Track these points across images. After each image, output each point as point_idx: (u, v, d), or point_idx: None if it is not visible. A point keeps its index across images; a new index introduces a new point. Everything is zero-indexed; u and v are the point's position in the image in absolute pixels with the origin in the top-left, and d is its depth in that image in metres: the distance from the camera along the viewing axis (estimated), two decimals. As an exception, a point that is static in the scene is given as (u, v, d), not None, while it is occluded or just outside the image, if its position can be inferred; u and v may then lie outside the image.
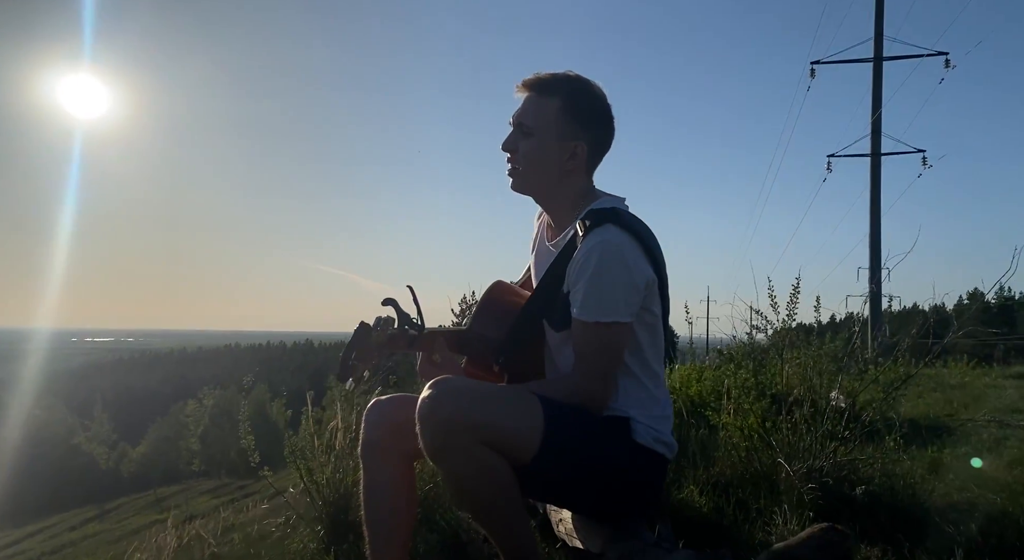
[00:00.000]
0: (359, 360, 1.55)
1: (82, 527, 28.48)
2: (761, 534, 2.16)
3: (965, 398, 5.59)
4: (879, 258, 19.43)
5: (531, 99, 1.70)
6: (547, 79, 1.69)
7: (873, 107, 19.20)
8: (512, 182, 1.74)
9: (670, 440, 1.67)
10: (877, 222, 19.30)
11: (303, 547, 2.43)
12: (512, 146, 1.72)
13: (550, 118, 1.67)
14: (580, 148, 1.69)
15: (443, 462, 1.49)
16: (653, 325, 1.66)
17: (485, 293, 1.84)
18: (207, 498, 26.86)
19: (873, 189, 19.29)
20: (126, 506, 32.36)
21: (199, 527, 8.37)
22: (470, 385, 1.53)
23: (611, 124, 1.74)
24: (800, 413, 2.55)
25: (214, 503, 23.40)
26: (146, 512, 28.64)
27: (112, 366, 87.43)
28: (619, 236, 1.58)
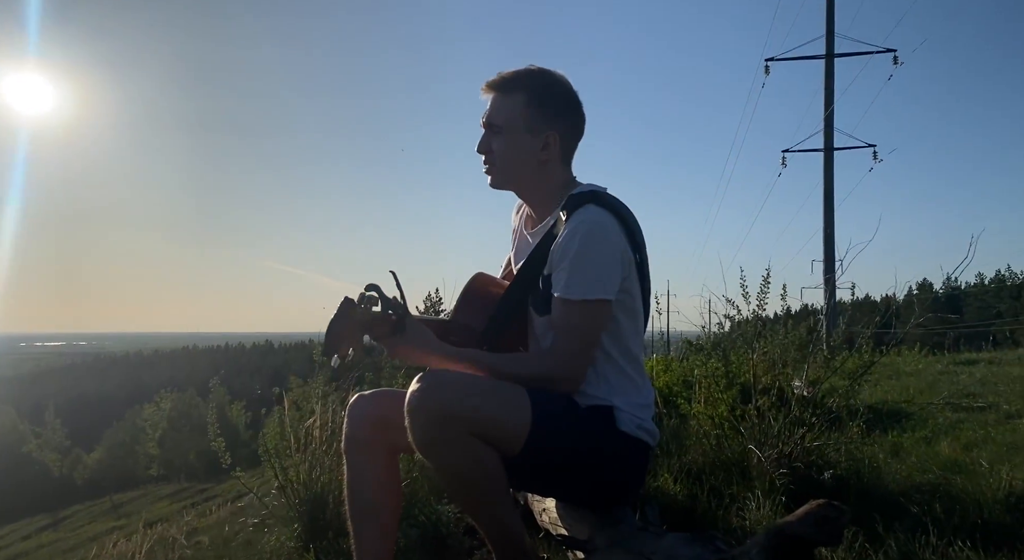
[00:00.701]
0: (343, 336, 1.54)
1: (35, 536, 27.66)
2: (736, 520, 2.21)
3: (920, 385, 5.78)
4: (833, 250, 19.93)
5: (496, 99, 1.73)
6: (509, 77, 1.72)
7: (826, 103, 19.65)
8: (490, 179, 1.77)
9: (652, 427, 1.70)
10: (830, 215, 19.78)
11: (280, 546, 2.41)
12: (486, 147, 1.75)
13: (517, 113, 1.70)
14: (552, 138, 1.72)
15: (434, 455, 1.50)
16: (633, 308, 1.68)
17: (467, 284, 1.84)
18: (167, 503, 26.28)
19: (826, 183, 19.76)
20: (81, 513, 31.49)
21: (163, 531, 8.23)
22: (458, 377, 1.54)
23: (579, 109, 1.76)
24: (768, 401, 2.62)
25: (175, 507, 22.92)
26: (102, 519, 27.92)
27: (64, 371, 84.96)
28: (601, 214, 1.61)
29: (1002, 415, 4.17)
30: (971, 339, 29.13)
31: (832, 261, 19.98)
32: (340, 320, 1.54)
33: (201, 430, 39.14)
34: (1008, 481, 2.48)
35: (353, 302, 1.56)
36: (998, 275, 56.37)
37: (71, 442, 39.73)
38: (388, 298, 1.64)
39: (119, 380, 69.60)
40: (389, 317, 1.62)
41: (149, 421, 38.69)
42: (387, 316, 1.62)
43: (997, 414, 4.21)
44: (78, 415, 45.41)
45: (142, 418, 39.64)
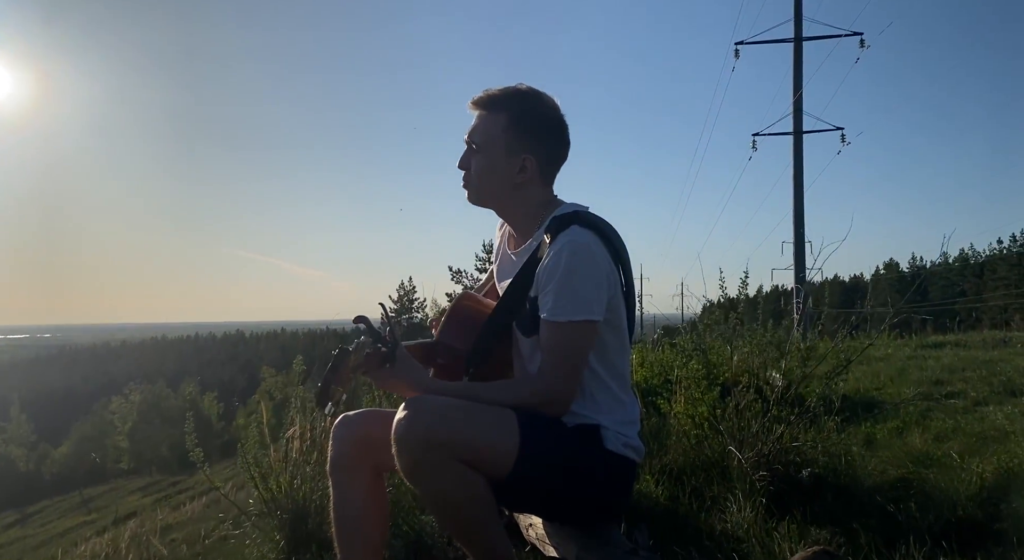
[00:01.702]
0: (338, 384, 1.52)
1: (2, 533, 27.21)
2: (717, 522, 2.24)
3: (890, 371, 5.88)
4: (803, 232, 20.25)
5: (481, 116, 1.73)
6: (496, 95, 1.71)
7: (795, 86, 19.86)
8: (468, 195, 1.78)
9: (638, 444, 1.71)
10: (800, 197, 20.05)
11: (262, 557, 2.38)
12: (466, 163, 1.75)
13: (497, 134, 1.70)
14: (529, 161, 1.71)
15: (420, 481, 1.49)
16: (618, 326, 1.69)
17: (452, 304, 1.84)
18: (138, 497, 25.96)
19: (796, 166, 20.01)
20: (49, 509, 30.96)
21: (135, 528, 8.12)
22: (444, 403, 1.53)
23: (563, 135, 1.76)
24: (747, 400, 2.64)
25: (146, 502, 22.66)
26: (72, 514, 27.49)
27: (28, 364, 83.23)
28: (585, 235, 1.61)
29: (970, 403, 4.26)
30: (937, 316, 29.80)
31: (802, 242, 20.29)
32: (335, 371, 1.52)
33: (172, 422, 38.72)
34: (979, 474, 2.54)
35: (348, 352, 1.53)
36: (962, 253, 57.80)
37: (37, 437, 39.02)
38: (377, 331, 1.62)
39: (86, 372, 68.44)
40: (378, 350, 1.61)
41: (118, 414, 38.14)
42: (376, 350, 1.61)
43: (965, 401, 4.31)
44: (44, 409, 44.64)
45: (110, 411, 39.07)
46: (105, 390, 46.59)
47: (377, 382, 1.67)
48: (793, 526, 2.18)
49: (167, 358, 75.49)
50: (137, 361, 73.11)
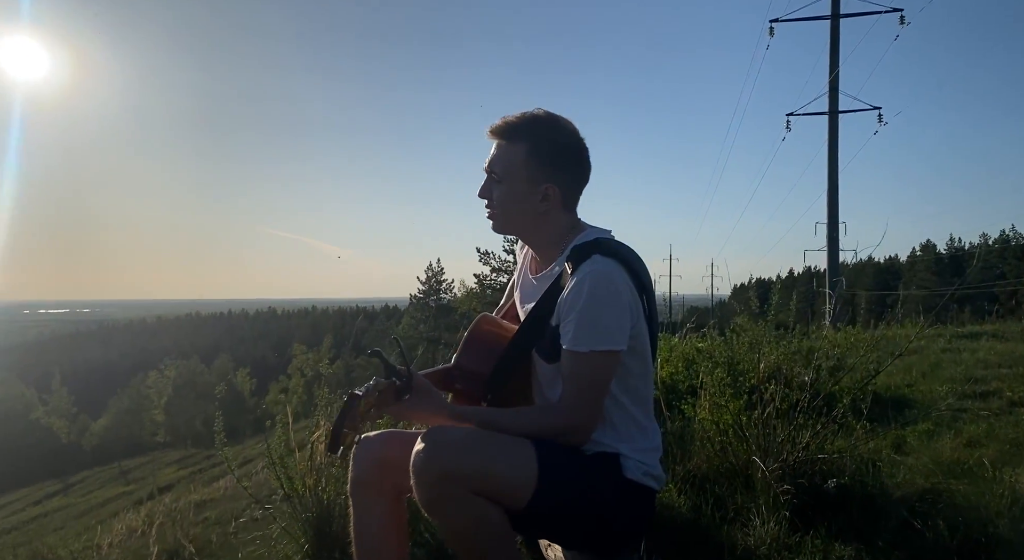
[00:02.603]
0: (349, 429, 1.53)
1: (46, 501, 28.19)
2: (740, 536, 2.22)
3: (923, 365, 5.76)
4: (836, 213, 19.89)
5: (500, 146, 1.72)
6: (513, 123, 1.70)
7: (831, 65, 19.37)
8: (492, 225, 1.77)
9: (659, 473, 1.70)
10: (834, 178, 19.66)
11: (285, 557, 2.43)
12: (487, 193, 1.75)
13: (518, 164, 1.69)
14: (552, 190, 1.70)
15: (438, 514, 1.51)
16: (642, 352, 1.68)
17: (471, 328, 1.83)
18: (174, 469, 26.71)
19: (831, 146, 19.59)
20: (90, 479, 32.04)
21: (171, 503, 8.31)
22: (462, 435, 1.53)
23: (583, 160, 1.74)
24: (773, 407, 2.61)
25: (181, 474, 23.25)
26: (111, 484, 28.42)
27: (69, 338, 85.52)
28: (606, 264, 1.60)
29: (1005, 403, 4.16)
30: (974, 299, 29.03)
31: (836, 224, 19.93)
32: (345, 417, 1.52)
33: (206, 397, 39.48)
34: (1012, 486, 2.48)
35: (359, 397, 1.53)
36: (1003, 235, 56.20)
37: (77, 409, 40.23)
38: (392, 365, 1.63)
39: (123, 348, 70.11)
40: (393, 384, 1.61)
41: (154, 388, 39.17)
42: (392, 384, 1.61)
43: (1000, 402, 4.21)
44: (84, 383, 45.91)
45: (147, 385, 40.13)
46: (142, 365, 47.72)
47: (395, 416, 1.68)
48: (817, 542, 2.16)
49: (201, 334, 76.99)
50: (172, 337, 74.69)
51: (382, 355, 1.62)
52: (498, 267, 33.97)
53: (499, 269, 33.88)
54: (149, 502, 11.63)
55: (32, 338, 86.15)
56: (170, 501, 8.54)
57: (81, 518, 19.66)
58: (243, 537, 3.51)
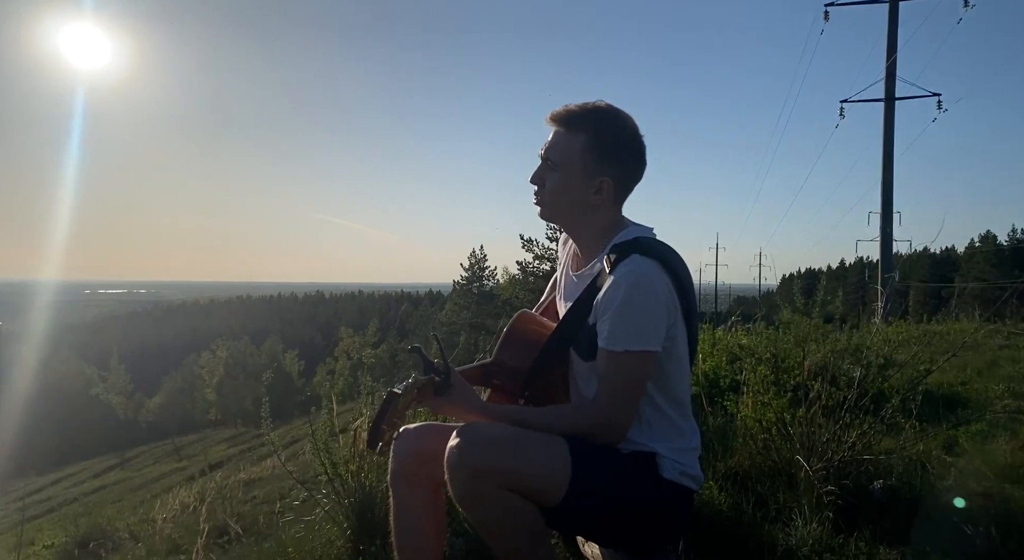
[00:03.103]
0: (387, 427, 1.55)
1: (104, 474, 29.36)
2: (781, 536, 2.19)
3: (978, 363, 5.58)
4: (891, 202, 19.30)
5: (559, 133, 1.70)
6: (575, 113, 1.68)
7: (888, 50, 18.72)
8: (539, 211, 1.76)
9: (696, 473, 1.69)
10: (889, 167, 19.07)
11: (329, 544, 2.48)
12: (539, 180, 1.73)
13: (576, 154, 1.67)
14: (606, 184, 1.69)
15: (471, 509, 1.52)
16: (679, 354, 1.66)
17: (510, 324, 1.84)
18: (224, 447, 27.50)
19: (886, 134, 18.99)
20: (146, 455, 33.22)
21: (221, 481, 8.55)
22: (496, 432, 1.55)
23: (640, 157, 1.73)
24: (819, 405, 2.55)
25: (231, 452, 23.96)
26: (165, 460, 29.42)
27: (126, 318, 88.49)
28: (645, 264, 1.58)
29: (1066, 404, 4.01)
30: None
31: (890, 213, 19.35)
32: (384, 414, 1.54)
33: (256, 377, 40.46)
34: (1069, 494, 2.39)
35: (398, 396, 1.55)
36: (1067, 226, 53.72)
37: (134, 386, 41.67)
38: (431, 361, 1.64)
39: (177, 328, 72.25)
40: (432, 380, 1.63)
41: (206, 368, 40.26)
42: (430, 380, 1.63)
43: (1060, 403, 4.05)
44: (139, 361, 47.48)
45: (199, 365, 41.26)
46: (195, 345, 49.07)
47: (432, 409, 1.70)
48: (861, 544, 2.12)
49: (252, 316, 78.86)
50: (224, 318, 76.63)
51: (421, 351, 1.64)
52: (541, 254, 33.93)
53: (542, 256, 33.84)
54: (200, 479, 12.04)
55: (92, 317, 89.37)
56: (220, 479, 8.82)
57: (137, 492, 20.44)
58: (288, 518, 3.61)
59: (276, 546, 2.70)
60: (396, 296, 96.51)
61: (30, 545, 9.76)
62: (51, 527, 11.09)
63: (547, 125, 1.72)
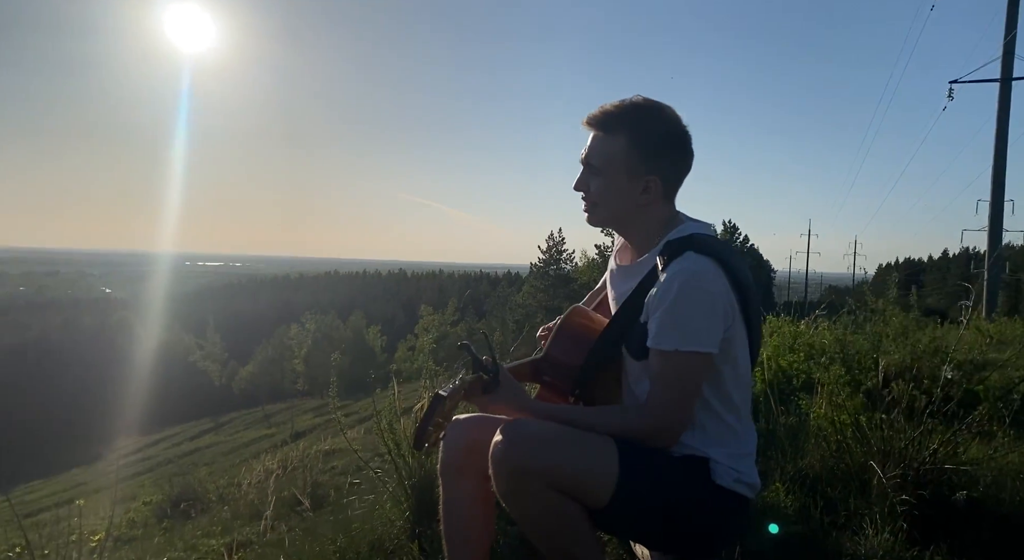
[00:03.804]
0: (435, 427, 1.56)
1: (200, 437, 31.18)
2: (850, 543, 2.09)
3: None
4: (1002, 190, 18.05)
5: (597, 137, 1.64)
6: (612, 114, 1.62)
7: (1007, 26, 17.37)
8: (588, 217, 1.71)
9: (752, 480, 1.62)
10: (1002, 152, 17.79)
11: (390, 524, 2.53)
12: (584, 186, 1.68)
13: (618, 156, 1.62)
14: (653, 182, 1.63)
15: (514, 506, 1.51)
16: (736, 356, 1.59)
17: (562, 320, 1.81)
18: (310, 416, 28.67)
19: (1000, 117, 17.70)
20: (237, 420, 35.05)
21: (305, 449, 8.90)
22: (541, 429, 1.52)
23: (685, 149, 1.65)
24: (899, 408, 2.42)
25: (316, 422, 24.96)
26: (256, 426, 30.95)
27: (222, 290, 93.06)
28: (700, 262, 1.51)
29: None
30: None
31: (1000, 202, 18.09)
32: (430, 417, 1.54)
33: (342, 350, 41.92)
34: None
35: (444, 399, 1.54)
36: None
37: (228, 355, 43.95)
38: (480, 358, 1.63)
39: (269, 300, 75.49)
40: (481, 378, 1.62)
41: (295, 340, 41.95)
42: (479, 378, 1.62)
43: None
44: (234, 331, 49.79)
45: (289, 337, 43.03)
46: (285, 318, 51.15)
47: (480, 407, 1.69)
48: (938, 558, 2.00)
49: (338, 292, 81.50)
50: (312, 293, 79.50)
51: (470, 348, 1.63)
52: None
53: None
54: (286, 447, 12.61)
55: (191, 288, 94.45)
56: (303, 447, 9.20)
57: (228, 455, 21.62)
58: (359, 491, 3.72)
59: (340, 520, 2.78)
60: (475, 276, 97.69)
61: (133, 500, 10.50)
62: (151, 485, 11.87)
63: (585, 129, 1.66)
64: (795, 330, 4.59)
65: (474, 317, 43.86)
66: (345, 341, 41.81)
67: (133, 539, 6.81)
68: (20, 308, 75.95)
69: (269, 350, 44.35)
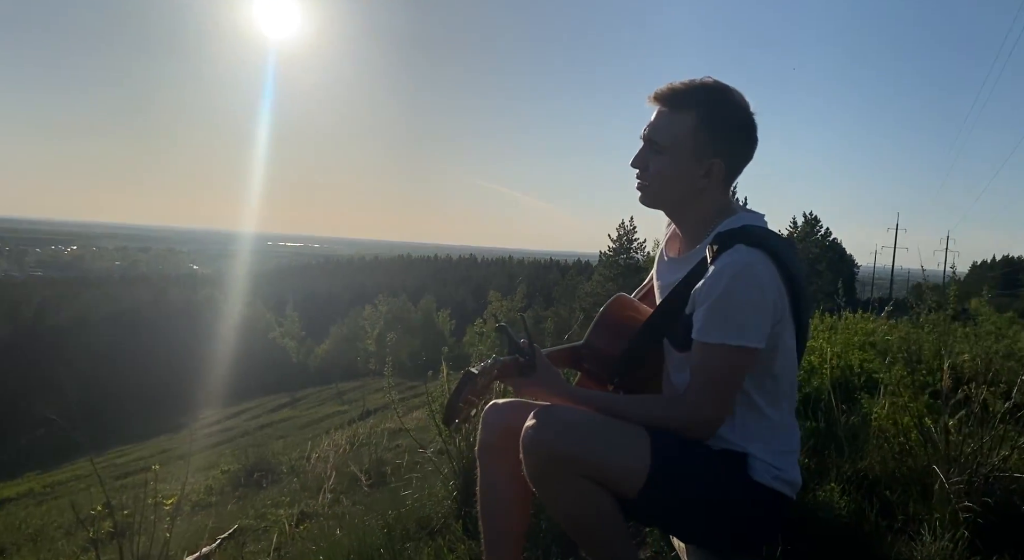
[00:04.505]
0: (465, 404, 1.58)
1: (277, 411, 32.45)
2: (906, 548, 2.01)
3: None
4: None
5: (664, 114, 1.59)
6: (681, 91, 1.57)
7: None
8: (641, 197, 1.67)
9: (793, 477, 1.58)
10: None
11: (437, 502, 2.59)
12: (643, 163, 1.64)
13: (685, 135, 1.57)
14: (717, 165, 1.58)
15: (543, 492, 1.51)
16: (783, 351, 1.55)
17: (605, 307, 1.79)
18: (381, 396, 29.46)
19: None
20: (312, 396, 36.30)
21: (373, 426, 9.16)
22: (573, 416, 1.51)
23: (752, 136, 1.60)
24: (969, 411, 2.30)
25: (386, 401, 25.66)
26: (329, 403, 31.98)
27: (301, 269, 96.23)
28: (751, 255, 1.47)
29: None
30: None
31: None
32: (460, 394, 1.56)
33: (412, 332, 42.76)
34: None
35: (474, 376, 1.56)
36: None
37: (305, 333, 45.53)
38: (516, 341, 1.64)
39: (345, 281, 77.54)
40: (517, 360, 1.62)
41: (369, 321, 43.07)
42: (515, 360, 1.62)
43: None
44: (311, 310, 51.44)
45: (363, 317, 44.20)
46: (359, 298, 52.49)
47: (515, 389, 1.69)
48: (1000, 570, 1.91)
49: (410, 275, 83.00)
50: (386, 275, 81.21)
51: (508, 331, 1.64)
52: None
53: None
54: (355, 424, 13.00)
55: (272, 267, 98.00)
56: (371, 425, 9.47)
57: (302, 430, 22.42)
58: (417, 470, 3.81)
59: (394, 498, 2.85)
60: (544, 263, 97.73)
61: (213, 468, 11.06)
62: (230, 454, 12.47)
63: (650, 105, 1.61)
64: (867, 327, 4.41)
65: (542, 304, 43.89)
66: (415, 324, 42.64)
67: (209, 505, 7.18)
68: (115, 281, 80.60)
69: (344, 329, 45.69)
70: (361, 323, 44.32)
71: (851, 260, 44.92)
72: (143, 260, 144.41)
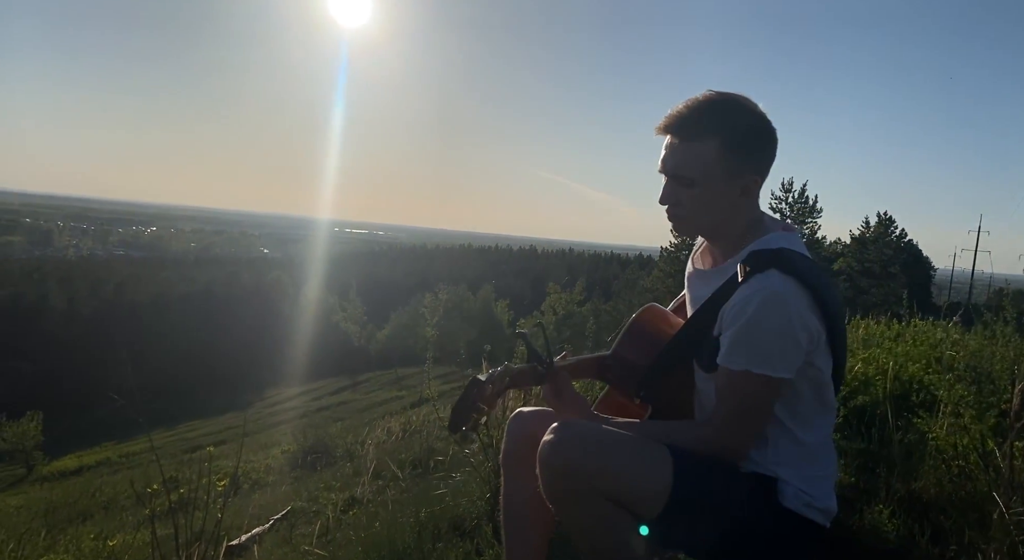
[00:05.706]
0: (472, 412, 1.55)
1: (338, 393, 33.31)
2: (955, 579, 1.91)
3: None
4: None
5: (681, 147, 1.49)
6: (694, 119, 1.48)
7: None
8: (678, 228, 1.58)
9: (827, 505, 1.50)
10: None
11: (471, 504, 2.58)
12: (674, 199, 1.54)
13: (712, 163, 1.47)
14: (750, 180, 1.51)
15: (559, 508, 1.47)
16: (819, 380, 1.48)
17: (634, 317, 1.74)
18: (438, 383, 29.92)
19: None
20: (372, 380, 37.08)
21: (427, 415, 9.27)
22: (594, 432, 1.47)
23: (774, 138, 1.52)
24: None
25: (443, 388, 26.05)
26: (388, 388, 32.64)
27: (365, 256, 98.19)
28: (783, 283, 1.40)
29: None
30: None
31: None
32: (467, 400, 1.53)
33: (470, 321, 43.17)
34: None
35: (481, 382, 1.53)
36: None
37: (367, 318, 46.51)
38: (535, 349, 1.61)
39: (406, 269, 78.79)
40: (534, 368, 1.59)
41: (429, 309, 43.67)
42: (533, 368, 1.59)
43: None
44: (373, 296, 52.45)
45: (423, 305, 44.85)
46: (420, 287, 53.21)
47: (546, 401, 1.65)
48: (1060, 610, 1.78)
49: (470, 265, 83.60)
50: (446, 264, 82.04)
51: (527, 338, 1.61)
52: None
53: None
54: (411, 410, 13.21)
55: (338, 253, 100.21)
56: (426, 412, 9.60)
57: (361, 413, 22.95)
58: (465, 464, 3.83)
59: (432, 495, 2.87)
60: (605, 256, 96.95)
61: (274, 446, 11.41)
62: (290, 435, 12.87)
63: (660, 136, 1.52)
64: (935, 337, 4.17)
65: (601, 298, 43.57)
66: (474, 313, 42.99)
67: (266, 485, 7.41)
68: (190, 262, 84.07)
69: (404, 316, 46.40)
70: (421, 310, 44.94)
71: (928, 262, 42.91)
72: (217, 242, 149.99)
